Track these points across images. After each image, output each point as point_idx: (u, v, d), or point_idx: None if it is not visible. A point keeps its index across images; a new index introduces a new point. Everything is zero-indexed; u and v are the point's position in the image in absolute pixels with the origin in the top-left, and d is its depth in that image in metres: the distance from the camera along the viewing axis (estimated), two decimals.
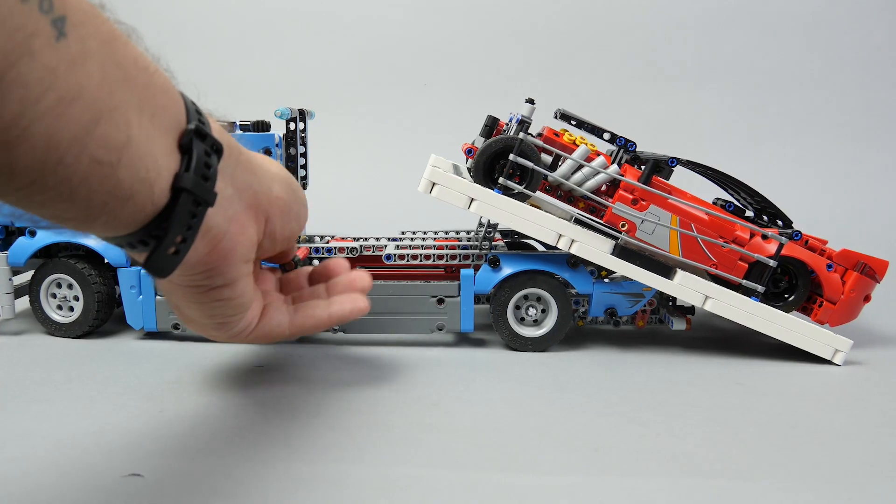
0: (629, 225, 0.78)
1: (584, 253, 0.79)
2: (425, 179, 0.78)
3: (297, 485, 0.49)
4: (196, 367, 0.75)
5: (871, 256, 0.83)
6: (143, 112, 0.38)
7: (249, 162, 0.52)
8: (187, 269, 0.48)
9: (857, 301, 0.84)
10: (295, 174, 0.89)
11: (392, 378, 0.72)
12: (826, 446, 0.58)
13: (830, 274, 0.83)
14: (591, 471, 0.52)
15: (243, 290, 0.54)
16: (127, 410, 0.62)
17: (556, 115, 0.84)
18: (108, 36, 0.36)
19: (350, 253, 0.85)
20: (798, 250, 0.83)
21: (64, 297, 0.85)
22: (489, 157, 0.79)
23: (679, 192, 0.82)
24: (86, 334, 0.85)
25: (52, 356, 0.78)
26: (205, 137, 0.43)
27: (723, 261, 0.79)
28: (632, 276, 0.79)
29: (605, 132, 0.82)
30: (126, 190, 0.38)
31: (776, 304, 0.83)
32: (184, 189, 0.41)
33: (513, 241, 0.97)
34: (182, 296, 0.53)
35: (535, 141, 0.78)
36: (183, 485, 0.49)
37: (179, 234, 0.42)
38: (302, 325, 0.63)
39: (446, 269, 0.90)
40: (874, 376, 0.76)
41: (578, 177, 0.79)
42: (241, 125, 0.83)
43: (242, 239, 0.50)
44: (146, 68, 0.39)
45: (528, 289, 0.82)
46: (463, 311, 0.82)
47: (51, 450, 0.54)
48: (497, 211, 0.78)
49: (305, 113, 0.93)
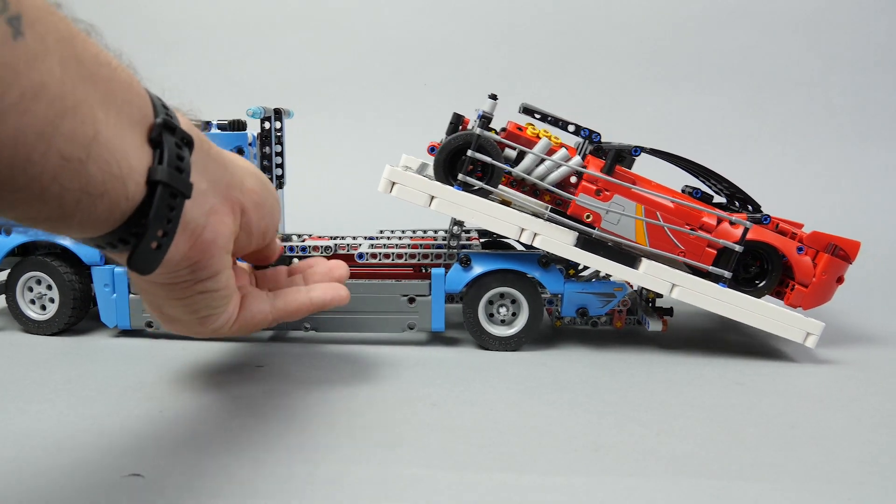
0: (594, 216, 0.78)
1: (548, 246, 0.78)
2: (385, 179, 0.78)
3: (297, 485, 0.49)
4: (192, 367, 0.75)
5: (842, 238, 0.82)
6: (109, 107, 0.38)
7: (220, 156, 0.52)
8: (171, 267, 0.48)
9: (829, 283, 0.83)
10: (269, 173, 0.89)
11: (392, 378, 0.72)
12: (826, 446, 0.58)
13: (801, 257, 0.82)
14: (591, 471, 0.52)
15: (227, 282, 0.54)
16: (126, 410, 0.62)
17: (521, 109, 0.83)
18: (67, 33, 0.36)
19: (324, 251, 0.86)
20: (767, 234, 0.82)
21: (40, 294, 0.85)
22: (449, 153, 0.79)
23: (644, 181, 0.81)
24: (61, 332, 0.86)
25: (46, 355, 0.78)
26: (174, 130, 0.43)
27: (690, 248, 0.79)
28: (596, 266, 0.79)
29: (570, 124, 0.82)
30: (98, 186, 0.38)
31: (747, 289, 0.82)
32: (159, 182, 0.41)
33: (490, 240, 0.96)
34: (164, 294, 0.53)
35: (494, 136, 0.78)
36: (183, 485, 0.49)
37: (160, 227, 0.42)
38: (284, 310, 0.64)
39: (414, 268, 0.90)
40: (873, 376, 0.76)
41: (541, 170, 0.79)
42: (219, 124, 0.83)
43: (223, 230, 0.51)
44: (108, 64, 0.39)
45: (499, 288, 0.82)
46: (434, 310, 0.83)
47: (51, 450, 0.54)
48: (457, 208, 0.78)
49: (282, 112, 0.94)
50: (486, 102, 0.78)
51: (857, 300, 1.13)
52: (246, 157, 0.83)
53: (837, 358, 0.83)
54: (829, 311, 1.05)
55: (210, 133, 0.82)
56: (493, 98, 0.78)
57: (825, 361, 0.81)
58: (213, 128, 0.83)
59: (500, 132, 0.82)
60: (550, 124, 0.82)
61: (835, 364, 0.80)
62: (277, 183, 0.94)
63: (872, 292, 1.18)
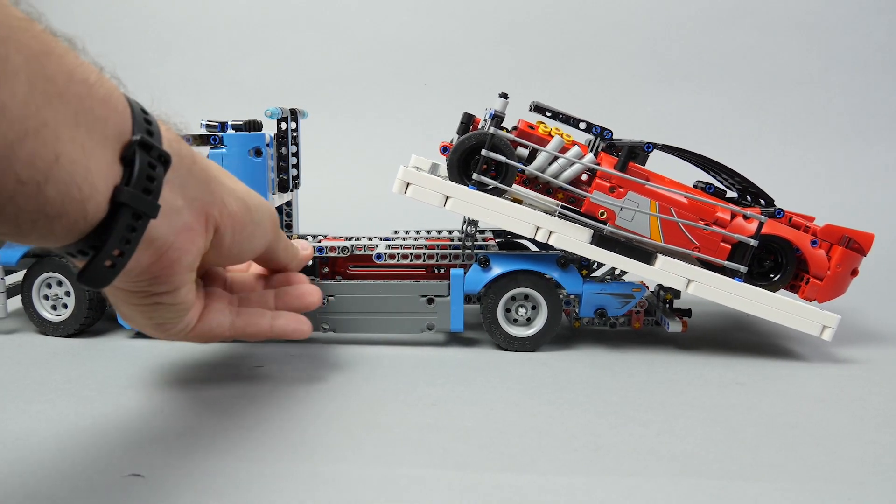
0: (608, 213, 0.78)
1: (562, 243, 0.78)
2: (399, 180, 0.78)
3: (297, 485, 0.49)
4: (192, 367, 0.75)
5: (856, 230, 0.82)
6: (79, 125, 0.38)
7: (204, 172, 0.52)
8: (130, 276, 0.48)
9: (843, 276, 0.82)
10: (286, 173, 0.89)
11: (391, 378, 0.72)
12: (826, 446, 0.58)
13: (815, 250, 0.81)
14: (591, 471, 0.52)
15: (185, 297, 0.54)
16: (127, 410, 0.62)
17: (531, 107, 0.83)
18: (39, 50, 0.36)
19: (341, 252, 0.86)
20: (781, 228, 0.82)
21: (56, 295, 0.85)
22: (462, 153, 0.78)
23: (657, 177, 0.81)
24: (77, 333, 0.85)
25: (47, 355, 0.78)
26: (150, 149, 0.43)
27: (705, 243, 0.79)
28: (612, 263, 0.79)
29: (581, 122, 0.82)
30: (56, 208, 0.37)
31: (762, 283, 0.82)
32: (123, 203, 0.41)
33: (506, 240, 0.96)
34: (122, 298, 0.53)
35: (507, 135, 0.78)
36: (183, 485, 0.49)
37: (116, 247, 0.42)
38: (243, 331, 0.64)
39: (427, 268, 0.89)
40: (874, 376, 0.76)
41: (554, 168, 0.79)
42: (234, 125, 0.83)
43: (191, 248, 0.50)
44: (84, 80, 0.38)
45: (518, 288, 0.82)
46: (453, 311, 0.82)
47: (51, 450, 0.54)
48: (472, 207, 0.77)
49: (298, 112, 0.93)
50: (497, 101, 0.78)
51: (859, 300, 1.13)
52: (264, 157, 0.82)
53: (839, 357, 0.82)
54: (830, 311, 1.05)
55: (227, 134, 0.82)
56: (504, 97, 0.78)
57: (826, 361, 0.81)
58: (229, 128, 0.83)
59: (511, 130, 0.82)
60: (561, 122, 0.82)
61: (836, 364, 0.80)
62: (293, 184, 0.93)
63: (875, 292, 1.18)
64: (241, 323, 0.64)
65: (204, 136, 0.82)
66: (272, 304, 0.69)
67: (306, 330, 0.68)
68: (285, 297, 0.69)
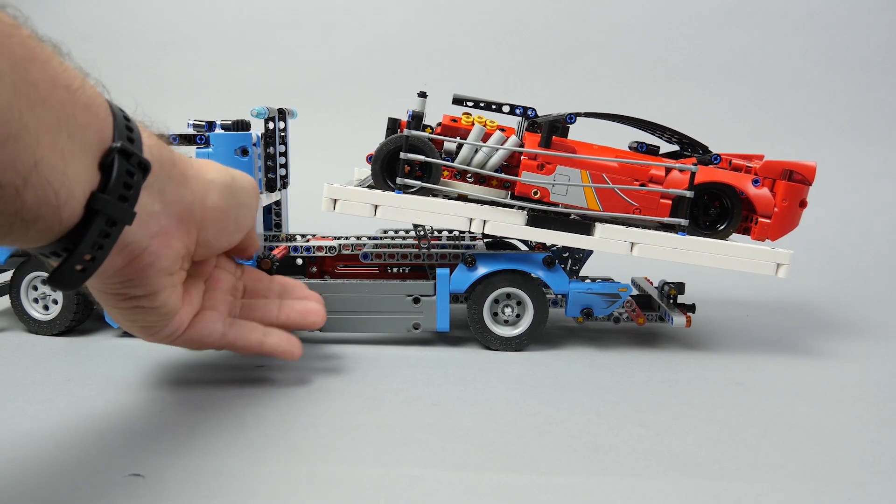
0: (541, 191, 0.77)
1: (498, 230, 0.78)
2: (325, 198, 0.77)
3: (297, 485, 0.49)
4: (192, 367, 0.75)
5: (796, 162, 0.81)
6: (60, 131, 0.38)
7: (183, 175, 0.52)
8: (102, 278, 0.48)
9: (792, 209, 0.81)
10: (274, 173, 0.89)
11: (391, 378, 0.72)
12: (826, 446, 0.58)
13: (758, 189, 0.81)
14: (591, 471, 0.52)
15: (164, 301, 0.54)
16: (127, 410, 0.62)
17: (452, 100, 0.82)
18: (22, 56, 0.36)
19: (329, 252, 0.86)
20: (720, 174, 0.81)
21: (44, 294, 0.85)
22: (384, 159, 0.78)
23: (584, 146, 0.80)
24: (65, 332, 0.85)
25: (46, 355, 0.78)
26: (130, 156, 0.43)
27: (644, 203, 0.78)
28: (551, 241, 0.78)
29: (504, 105, 0.80)
30: (32, 212, 0.38)
31: (715, 233, 0.81)
32: (97, 210, 0.41)
33: (494, 241, 0.96)
34: (103, 300, 0.54)
35: (422, 134, 0.77)
36: (183, 485, 0.49)
37: (88, 252, 0.42)
38: (232, 343, 0.64)
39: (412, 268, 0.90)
40: (874, 375, 0.76)
41: (480, 157, 0.78)
42: (223, 125, 0.83)
43: (167, 253, 0.51)
44: (67, 86, 0.39)
45: (504, 288, 0.82)
46: (439, 310, 0.82)
47: (51, 450, 0.54)
48: (402, 211, 0.77)
49: (286, 112, 0.93)
50: (415, 101, 0.77)
51: (858, 299, 1.13)
52: (250, 157, 0.83)
53: (839, 357, 0.83)
54: (830, 311, 1.05)
55: (214, 133, 0.82)
56: (423, 96, 0.78)
57: (826, 361, 0.81)
58: (217, 128, 0.83)
59: (435, 127, 0.81)
60: (484, 110, 0.81)
61: (836, 363, 0.80)
62: (281, 183, 0.94)
63: (875, 291, 1.18)
64: (230, 336, 0.64)
65: (190, 135, 0.82)
66: (275, 314, 0.69)
67: (296, 353, 0.68)
68: (289, 311, 0.70)
